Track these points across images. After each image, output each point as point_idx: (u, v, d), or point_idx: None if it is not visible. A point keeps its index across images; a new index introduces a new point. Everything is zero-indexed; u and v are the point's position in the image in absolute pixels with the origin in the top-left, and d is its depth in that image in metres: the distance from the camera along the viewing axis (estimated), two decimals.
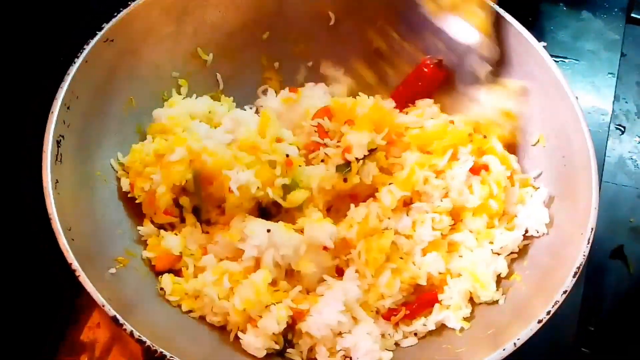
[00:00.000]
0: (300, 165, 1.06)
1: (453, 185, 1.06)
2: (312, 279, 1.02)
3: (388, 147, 1.09)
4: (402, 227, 1.04)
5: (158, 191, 1.02)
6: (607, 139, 1.34)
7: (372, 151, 1.06)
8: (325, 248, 1.01)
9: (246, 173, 1.01)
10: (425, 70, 1.16)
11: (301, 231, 1.01)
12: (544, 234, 1.04)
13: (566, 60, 1.42)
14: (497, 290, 1.02)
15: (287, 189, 1.04)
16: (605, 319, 1.17)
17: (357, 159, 1.05)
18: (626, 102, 1.40)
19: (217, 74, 1.20)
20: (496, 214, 1.07)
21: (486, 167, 1.08)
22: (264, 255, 0.99)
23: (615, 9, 1.50)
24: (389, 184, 1.05)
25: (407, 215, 1.05)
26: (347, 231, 1.02)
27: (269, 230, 0.99)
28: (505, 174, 1.07)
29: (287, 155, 1.04)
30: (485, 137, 1.10)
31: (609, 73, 1.42)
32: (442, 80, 1.16)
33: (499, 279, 1.04)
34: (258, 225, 1.00)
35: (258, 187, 1.01)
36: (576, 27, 1.48)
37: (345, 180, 1.05)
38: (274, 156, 1.04)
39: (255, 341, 0.96)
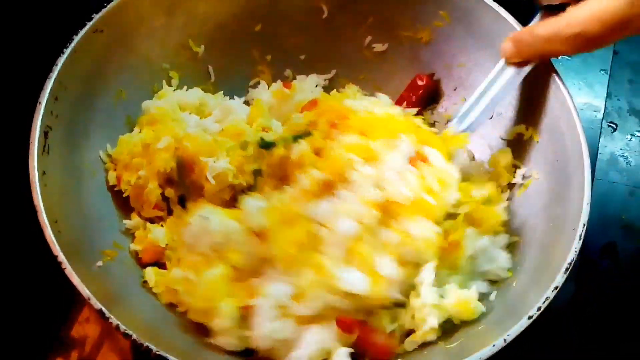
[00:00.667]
0: None
1: (387, 174, 0.93)
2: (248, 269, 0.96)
3: (330, 130, 1.02)
4: (320, 214, 0.92)
5: (148, 187, 1.01)
6: (600, 136, 1.34)
7: (304, 135, 1.02)
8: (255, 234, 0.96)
9: (223, 161, 0.99)
10: (420, 82, 1.18)
11: None
12: (506, 279, 0.99)
13: (559, 57, 1.41)
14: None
15: (258, 174, 1.02)
16: (596, 316, 1.17)
17: (284, 139, 1.01)
18: (618, 100, 1.40)
19: (209, 66, 1.19)
20: (435, 213, 0.93)
21: (424, 159, 0.96)
22: (199, 243, 0.96)
23: None
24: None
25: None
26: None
27: (205, 218, 0.95)
28: (451, 171, 0.96)
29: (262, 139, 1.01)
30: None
31: (602, 70, 1.42)
32: (435, 90, 1.18)
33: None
34: (203, 213, 0.97)
35: (234, 174, 1.00)
36: None
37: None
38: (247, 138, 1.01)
39: (223, 339, 0.93)
